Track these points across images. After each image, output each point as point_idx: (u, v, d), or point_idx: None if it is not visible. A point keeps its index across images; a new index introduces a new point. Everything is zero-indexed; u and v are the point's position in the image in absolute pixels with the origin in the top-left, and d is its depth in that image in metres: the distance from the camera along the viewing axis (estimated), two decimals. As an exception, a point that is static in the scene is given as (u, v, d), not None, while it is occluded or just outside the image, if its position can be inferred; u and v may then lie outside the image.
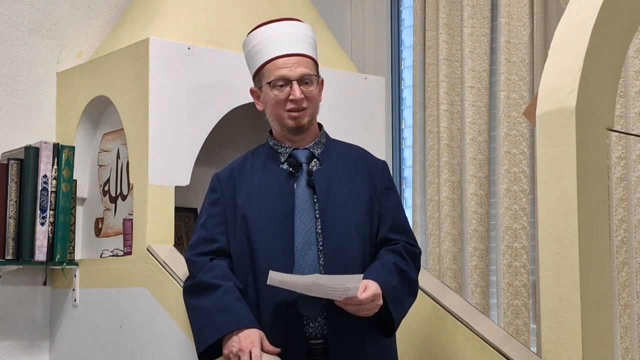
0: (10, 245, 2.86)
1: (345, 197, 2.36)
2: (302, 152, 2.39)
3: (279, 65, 2.33)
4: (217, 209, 2.39)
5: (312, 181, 2.34)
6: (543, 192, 1.82)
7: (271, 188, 2.36)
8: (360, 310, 2.22)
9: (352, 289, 2.15)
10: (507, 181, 3.24)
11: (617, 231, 2.89)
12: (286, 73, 2.32)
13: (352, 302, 2.19)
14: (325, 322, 2.28)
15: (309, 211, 2.31)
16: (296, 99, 2.31)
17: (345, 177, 2.40)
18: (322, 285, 2.14)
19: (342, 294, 2.17)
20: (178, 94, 2.79)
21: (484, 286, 3.31)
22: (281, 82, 2.33)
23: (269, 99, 2.36)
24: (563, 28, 1.87)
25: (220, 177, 2.44)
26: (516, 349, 2.47)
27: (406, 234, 2.44)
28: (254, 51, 2.40)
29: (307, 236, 2.29)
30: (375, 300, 2.21)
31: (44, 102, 3.20)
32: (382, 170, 2.47)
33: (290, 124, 2.35)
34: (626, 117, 2.91)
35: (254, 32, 2.42)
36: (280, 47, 2.35)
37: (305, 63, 2.35)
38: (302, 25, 2.42)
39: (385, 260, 2.33)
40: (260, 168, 2.41)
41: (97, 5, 3.33)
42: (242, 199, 2.37)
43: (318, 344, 2.28)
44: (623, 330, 2.85)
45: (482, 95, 3.38)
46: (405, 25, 3.92)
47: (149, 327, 2.67)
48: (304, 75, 2.33)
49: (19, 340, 3.09)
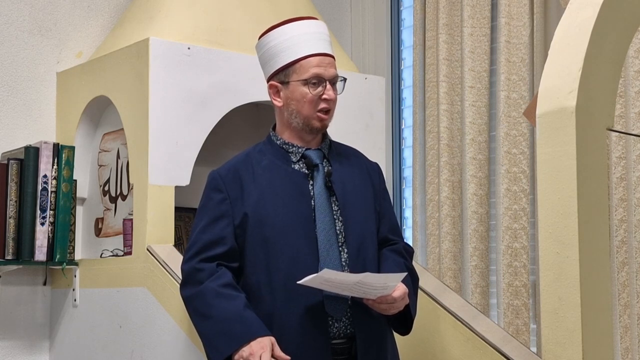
0: (10, 245, 2.86)
1: (358, 197, 2.39)
2: (314, 152, 2.39)
3: (315, 64, 2.33)
4: (224, 209, 2.32)
5: (330, 182, 2.35)
6: (543, 192, 1.82)
7: (285, 189, 2.33)
8: (391, 309, 2.26)
9: (389, 287, 2.20)
10: (507, 181, 3.24)
11: (617, 231, 2.89)
12: (322, 72, 2.33)
13: (385, 300, 2.23)
14: (350, 322, 2.29)
15: (329, 212, 2.32)
16: (331, 98, 2.34)
17: (353, 178, 2.42)
18: (366, 284, 2.16)
19: (379, 293, 2.21)
20: (178, 93, 2.79)
21: (484, 286, 3.31)
22: (315, 80, 2.33)
23: (298, 96, 2.34)
24: (563, 28, 1.87)
25: (222, 175, 2.36)
26: (516, 349, 2.48)
27: (400, 235, 2.53)
28: (283, 47, 2.36)
29: (329, 236, 2.30)
30: (404, 298, 2.27)
31: (44, 102, 3.20)
32: (378, 171, 2.52)
33: (317, 125, 2.35)
34: (626, 117, 2.91)
35: (280, 28, 2.38)
36: (315, 46, 2.35)
37: (334, 65, 2.38)
38: (324, 25, 2.44)
39: (398, 261, 2.39)
40: (268, 168, 2.37)
41: (97, 5, 3.33)
42: (255, 199, 2.31)
43: (341, 344, 2.29)
44: (623, 330, 2.85)
45: (482, 95, 3.38)
46: (405, 25, 3.92)
47: (149, 327, 2.67)
48: (336, 77, 2.37)
49: (19, 340, 3.09)
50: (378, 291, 2.21)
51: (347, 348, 2.29)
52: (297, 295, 2.23)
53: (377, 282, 2.18)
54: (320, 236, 2.29)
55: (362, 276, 2.15)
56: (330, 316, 2.27)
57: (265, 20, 2.64)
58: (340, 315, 2.28)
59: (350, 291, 2.20)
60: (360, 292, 2.21)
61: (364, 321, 2.30)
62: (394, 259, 2.39)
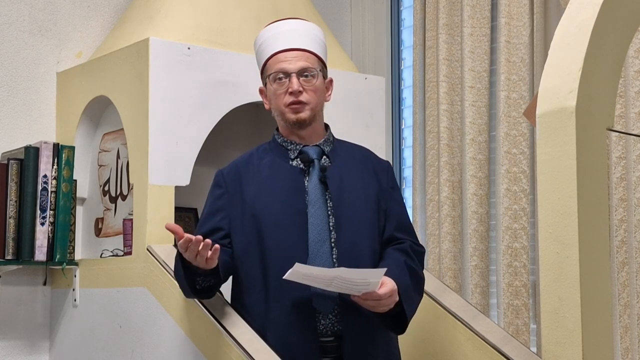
0: (10, 245, 2.86)
1: (356, 194, 2.38)
2: (312, 148, 2.40)
3: (279, 59, 2.36)
4: (221, 203, 2.39)
5: (324, 177, 2.34)
6: (543, 192, 1.82)
7: (282, 184, 2.36)
8: (379, 306, 2.23)
9: (372, 283, 2.16)
10: (507, 181, 3.24)
11: (617, 231, 2.89)
12: (285, 66, 2.34)
13: (371, 297, 2.20)
14: (338, 319, 2.28)
15: (322, 207, 2.32)
16: (293, 90, 2.32)
17: (354, 175, 2.41)
18: (345, 279, 2.14)
19: (363, 289, 2.17)
20: (178, 94, 2.79)
21: (484, 286, 3.31)
22: (281, 74, 2.34)
23: (271, 94, 2.38)
24: (563, 28, 1.87)
25: (224, 173, 2.44)
26: (516, 349, 2.48)
27: (411, 233, 2.47)
28: (260, 50, 2.43)
29: (321, 232, 2.30)
30: (392, 296, 2.22)
31: (44, 102, 3.20)
32: (386, 170, 2.50)
33: (292, 118, 2.36)
34: (626, 117, 2.91)
35: (262, 31, 2.45)
36: (282, 43, 2.37)
37: (306, 57, 2.36)
38: (309, 24, 2.44)
39: (397, 258, 2.35)
40: (268, 165, 2.41)
41: (97, 5, 3.33)
42: (252, 195, 2.36)
43: (329, 342, 2.28)
44: (623, 330, 2.85)
45: (482, 95, 3.38)
46: (405, 25, 3.92)
47: (149, 327, 2.67)
48: (303, 68, 2.34)
49: (19, 340, 3.09)
50: (360, 287, 2.17)
51: (336, 346, 2.28)
52: (287, 290, 2.24)
53: (357, 278, 2.15)
54: (311, 232, 2.29)
55: (339, 271, 2.13)
56: (318, 312, 2.27)
57: (265, 21, 2.64)
58: (328, 311, 2.27)
59: (334, 287, 2.18)
60: (344, 288, 2.18)
61: (352, 318, 2.28)
62: (395, 257, 2.36)
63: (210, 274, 2.27)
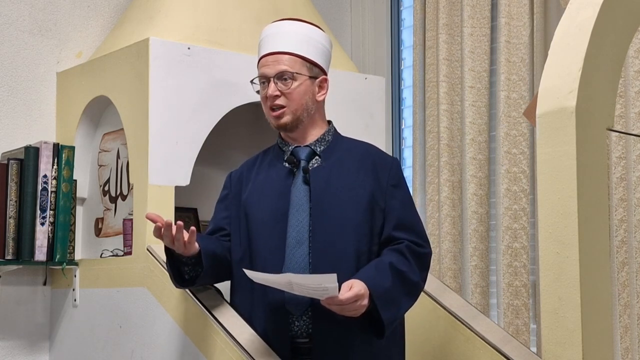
0: (10, 245, 2.86)
1: (343, 195, 2.32)
2: (303, 149, 2.39)
3: (262, 64, 2.38)
4: (224, 204, 2.47)
5: (307, 179, 2.34)
6: (543, 192, 1.82)
7: (272, 186, 2.37)
8: (344, 311, 2.15)
9: (330, 288, 2.08)
10: (507, 181, 3.24)
11: (617, 231, 2.89)
12: (264, 70, 2.36)
13: (333, 302, 2.12)
14: (311, 321, 2.26)
15: (304, 209, 2.31)
16: (267, 95, 2.34)
17: (347, 174, 2.36)
18: (300, 284, 2.09)
19: (322, 294, 2.11)
20: (178, 94, 2.79)
21: (484, 286, 3.31)
22: (262, 79, 2.37)
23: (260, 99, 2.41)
24: (563, 28, 1.87)
25: (232, 175, 2.50)
26: (516, 349, 2.47)
27: (414, 233, 2.36)
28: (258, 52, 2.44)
29: (300, 234, 2.28)
30: (359, 300, 2.14)
31: (44, 102, 3.20)
32: (390, 167, 2.40)
33: (273, 123, 2.38)
34: (626, 117, 2.91)
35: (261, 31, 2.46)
36: (266, 47, 2.39)
37: (286, 60, 2.34)
38: (303, 25, 2.41)
39: (381, 261, 2.28)
40: (266, 166, 2.44)
41: (97, 5, 3.33)
42: (246, 196, 2.40)
43: (303, 343, 2.28)
44: (623, 330, 2.85)
45: (482, 95, 3.38)
46: (405, 25, 3.92)
47: (149, 327, 2.67)
48: (280, 72, 2.34)
49: (19, 340, 3.09)
50: (320, 292, 2.11)
51: (309, 348, 2.27)
52: (268, 291, 2.25)
53: (311, 283, 2.09)
54: (290, 234, 2.29)
55: (288, 276, 2.08)
56: (291, 314, 2.27)
57: (265, 20, 2.63)
58: (300, 313, 2.26)
59: (298, 291, 2.13)
60: (305, 293, 2.13)
61: (324, 321, 2.24)
62: (380, 260, 2.28)
63: (197, 263, 2.31)
